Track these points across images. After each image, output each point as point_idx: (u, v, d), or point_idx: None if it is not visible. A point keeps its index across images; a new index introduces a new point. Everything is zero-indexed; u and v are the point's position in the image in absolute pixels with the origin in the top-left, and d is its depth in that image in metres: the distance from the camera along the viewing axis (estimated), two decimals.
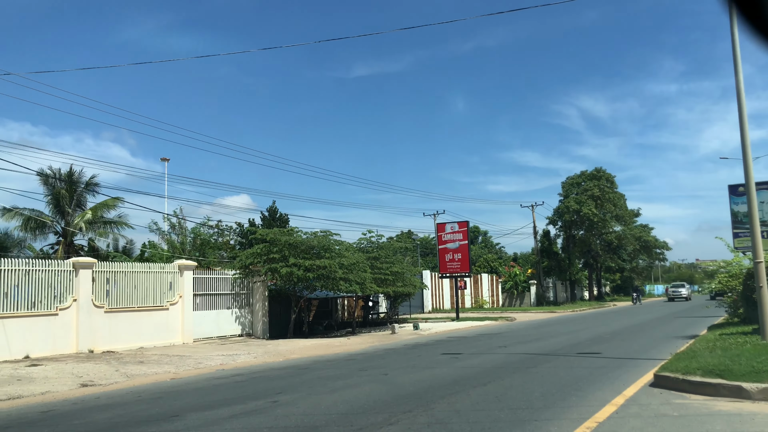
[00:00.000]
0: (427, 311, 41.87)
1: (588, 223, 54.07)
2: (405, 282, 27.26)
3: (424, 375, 11.32)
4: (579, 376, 10.44)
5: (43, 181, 26.49)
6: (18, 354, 15.24)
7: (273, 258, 21.30)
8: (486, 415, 7.31)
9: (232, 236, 36.56)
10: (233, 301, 22.27)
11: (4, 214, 26.19)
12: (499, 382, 9.94)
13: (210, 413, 7.99)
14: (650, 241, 67.32)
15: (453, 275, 34.48)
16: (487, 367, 12.22)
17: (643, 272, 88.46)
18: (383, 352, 16.63)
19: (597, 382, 9.61)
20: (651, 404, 7.64)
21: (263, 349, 17.56)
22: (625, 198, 58.56)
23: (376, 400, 8.66)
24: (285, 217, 38.07)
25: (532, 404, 7.90)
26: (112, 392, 10.36)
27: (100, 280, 17.76)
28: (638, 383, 9.26)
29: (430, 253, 57.65)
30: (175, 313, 19.73)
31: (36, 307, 16.11)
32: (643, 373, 10.37)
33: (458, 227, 34.16)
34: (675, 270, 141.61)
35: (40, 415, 8.38)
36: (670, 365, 9.34)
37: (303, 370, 12.85)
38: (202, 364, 14.20)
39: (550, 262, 55.79)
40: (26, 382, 11.38)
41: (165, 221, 31.13)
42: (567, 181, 57.71)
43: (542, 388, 9.22)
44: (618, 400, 7.92)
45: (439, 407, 7.86)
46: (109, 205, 27.57)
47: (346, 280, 21.67)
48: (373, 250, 27.15)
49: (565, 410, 7.50)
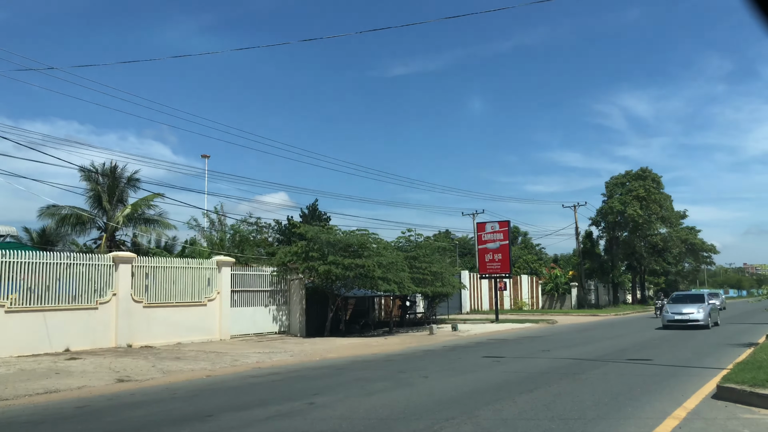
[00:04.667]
0: (465, 312, 41.21)
1: (632, 224, 52.53)
2: (444, 282, 26.75)
3: (465, 379, 10.86)
4: (631, 384, 9.82)
5: (86, 176, 26.88)
6: (58, 347, 15.34)
7: (311, 256, 21.09)
8: (535, 425, 6.83)
9: (270, 233, 36.66)
10: (270, 299, 22.15)
11: (48, 209, 26.67)
12: (546, 389, 9.41)
13: (245, 414, 7.72)
14: (697, 244, 64.96)
15: (492, 276, 33.80)
16: (531, 372, 11.68)
17: (688, 276, 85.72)
18: (422, 353, 16.21)
19: (652, 392, 9.00)
20: (717, 419, 7.02)
21: (300, 347, 17.34)
22: (671, 199, 56.81)
23: (416, 405, 8.26)
24: (324, 215, 37.95)
25: (584, 414, 7.37)
26: (148, 388, 10.22)
27: (139, 274, 17.81)
28: (699, 394, 8.61)
29: (468, 253, 56.88)
30: (212, 309, 19.69)
31: (77, 301, 16.22)
32: (701, 383, 9.70)
33: (499, 227, 33.47)
34: (722, 274, 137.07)
35: (75, 411, 8.25)
36: (735, 376, 8.66)
37: (340, 370, 12.54)
38: (239, 361, 14.02)
39: (592, 264, 54.39)
40: (64, 376, 11.36)
41: (205, 218, 31.36)
42: (611, 181, 56.23)
43: (593, 396, 8.67)
44: (679, 413, 7.33)
45: (484, 415, 7.41)
46: (148, 201, 27.82)
47: (384, 279, 21.32)
48: (411, 249, 26.71)
49: (621, 422, 6.96)
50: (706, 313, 23.54)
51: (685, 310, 23.65)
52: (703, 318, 23.22)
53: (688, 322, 23.15)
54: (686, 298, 25.94)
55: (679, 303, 24.90)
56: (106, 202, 27.09)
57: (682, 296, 26.49)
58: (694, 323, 23.09)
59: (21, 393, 9.56)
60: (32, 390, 9.84)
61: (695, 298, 25.53)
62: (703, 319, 23.21)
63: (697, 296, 26.35)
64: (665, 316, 24.04)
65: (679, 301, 25.46)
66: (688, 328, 22.79)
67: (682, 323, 23.25)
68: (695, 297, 26.05)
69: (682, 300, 25.44)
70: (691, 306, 24.06)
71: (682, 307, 24.06)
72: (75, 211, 26.54)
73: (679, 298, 25.87)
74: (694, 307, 23.91)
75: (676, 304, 24.88)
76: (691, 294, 28.18)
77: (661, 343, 17.74)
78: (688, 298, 25.89)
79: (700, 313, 23.38)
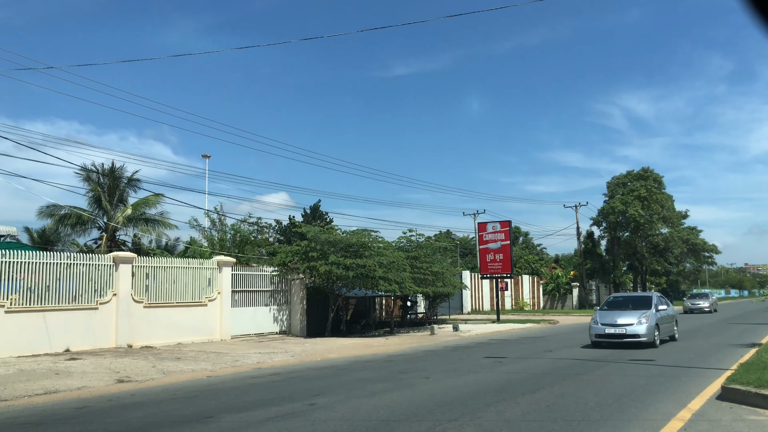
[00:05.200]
0: (466, 312, 41.14)
1: (634, 224, 52.39)
2: (445, 282, 26.70)
3: (467, 380, 10.78)
4: (635, 385, 9.75)
5: (86, 176, 26.83)
6: (59, 347, 15.28)
7: (312, 256, 21.03)
8: (539, 426, 6.76)
9: (271, 233, 36.58)
10: (271, 299, 22.09)
11: (48, 208, 26.61)
12: (548, 390, 9.34)
13: (245, 415, 7.65)
14: (699, 244, 64.76)
15: (494, 276, 33.72)
16: (533, 372, 11.61)
17: (690, 276, 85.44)
18: (423, 353, 16.13)
19: (656, 393, 8.92)
20: (722, 420, 6.95)
21: (301, 347, 17.27)
22: (673, 199, 56.66)
23: (418, 406, 8.18)
24: (326, 216, 37.87)
25: (587, 416, 7.30)
26: (148, 389, 10.15)
27: (139, 275, 17.75)
28: (703, 395, 8.54)
29: (469, 254, 56.80)
30: (213, 309, 19.63)
31: (77, 301, 16.16)
32: (705, 384, 9.63)
33: (500, 227, 33.39)
34: (723, 274, 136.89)
35: (74, 412, 8.19)
36: (740, 377, 8.58)
37: (341, 370, 12.47)
38: (239, 362, 13.96)
39: (594, 264, 54.29)
40: (64, 376, 11.29)
41: (205, 217, 31.28)
42: (612, 181, 56.12)
43: (596, 397, 8.59)
44: (683, 414, 7.26)
45: (487, 416, 7.34)
46: (149, 201, 27.76)
47: (385, 279, 21.25)
48: (412, 249, 26.65)
49: (625, 424, 6.88)
50: (651, 324, 16.18)
51: (621, 321, 16.34)
52: (645, 332, 15.91)
53: (625, 337, 15.99)
54: (627, 302, 18.30)
55: (614, 310, 17.48)
56: (106, 202, 27.04)
57: (621, 300, 18.91)
58: (632, 339, 15.94)
59: (20, 394, 9.50)
60: (31, 391, 9.78)
61: (639, 302, 17.88)
62: (646, 333, 15.92)
63: (641, 300, 18.36)
64: (592, 329, 16.77)
65: (615, 306, 18.00)
66: (624, 346, 15.94)
67: (615, 339, 16.13)
68: (639, 301, 18.26)
69: (620, 305, 18.00)
70: (629, 315, 16.59)
71: (618, 315, 16.72)
72: (75, 211, 26.48)
73: (617, 303, 18.46)
74: (634, 315, 16.42)
75: (610, 311, 17.45)
76: (633, 297, 19.97)
77: (663, 344, 17.62)
78: (630, 302, 18.24)
79: (642, 325, 16.01)
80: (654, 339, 16.26)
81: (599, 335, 16.54)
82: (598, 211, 55.06)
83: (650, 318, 16.39)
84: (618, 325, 16.31)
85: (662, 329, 17.22)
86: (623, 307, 17.69)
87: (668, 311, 17.96)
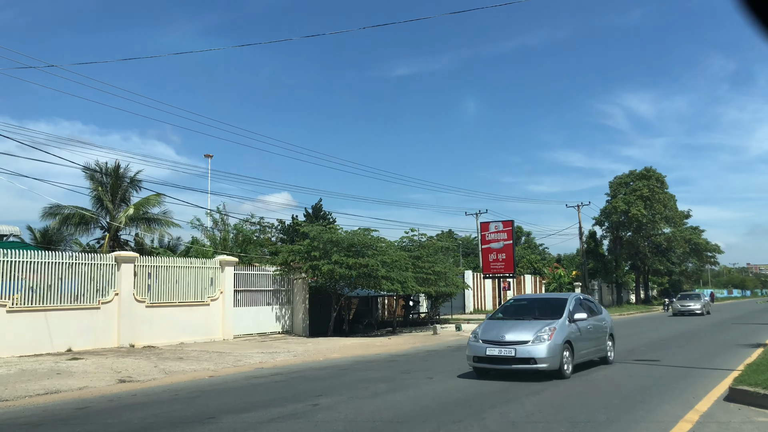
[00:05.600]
0: (468, 312, 41.02)
1: (636, 224, 52.26)
2: (447, 282, 26.60)
3: (471, 380, 10.68)
4: (641, 386, 9.66)
5: (89, 176, 26.80)
6: (60, 347, 15.22)
7: (314, 255, 20.96)
8: (545, 428, 6.68)
9: (273, 233, 36.52)
10: (273, 298, 22.02)
11: (52, 208, 26.58)
12: (553, 391, 9.26)
13: (247, 416, 7.57)
14: (701, 244, 64.53)
15: (496, 276, 33.61)
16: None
17: (692, 276, 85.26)
18: (425, 353, 16.06)
19: (662, 394, 8.83)
20: (731, 422, 6.85)
21: (303, 347, 17.20)
22: (675, 199, 56.51)
23: (422, 406, 8.11)
24: (328, 215, 37.79)
25: (593, 417, 7.21)
26: (150, 389, 10.09)
27: (141, 274, 17.68)
28: (710, 397, 8.44)
29: (471, 253, 56.68)
30: (215, 309, 19.57)
31: (79, 301, 16.10)
32: (712, 385, 9.53)
33: (503, 226, 33.26)
34: (725, 274, 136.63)
35: (75, 412, 8.12)
36: (747, 378, 8.48)
37: (344, 370, 12.39)
38: (242, 361, 13.89)
39: (596, 264, 54.16)
40: (65, 376, 11.23)
41: (207, 217, 31.23)
42: (615, 180, 55.96)
43: (603, 398, 8.51)
44: (691, 416, 7.16)
45: (492, 418, 7.25)
46: (151, 201, 27.71)
47: (388, 278, 21.17)
48: (415, 249, 26.57)
49: (632, 426, 6.79)
50: (556, 342, 10.59)
51: (511, 336, 10.75)
52: (545, 354, 10.26)
53: (513, 362, 10.38)
54: (531, 307, 12.43)
55: (509, 319, 11.75)
56: (108, 201, 26.99)
57: (525, 304, 12.94)
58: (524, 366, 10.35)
59: (21, 394, 9.44)
60: (32, 391, 9.72)
61: (547, 308, 12.04)
62: (546, 355, 10.27)
63: (551, 304, 12.29)
64: (470, 348, 10.97)
65: (512, 313, 12.12)
66: (513, 376, 10.50)
67: (499, 365, 10.55)
68: (548, 305, 12.28)
69: (521, 312, 12.13)
70: (524, 327, 10.96)
71: (509, 328, 11.07)
72: (78, 210, 26.44)
73: (517, 309, 12.41)
74: (532, 329, 10.81)
75: (504, 320, 11.77)
76: (541, 299, 13.86)
77: (668, 344, 17.54)
78: (536, 307, 12.40)
79: (542, 344, 10.46)
80: (561, 365, 10.52)
81: (478, 358, 10.83)
82: (601, 210, 54.95)
83: (557, 332, 10.57)
84: (505, 344, 10.53)
85: (580, 348, 11.32)
86: (524, 314, 11.82)
87: (594, 321, 12.15)
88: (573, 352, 10.98)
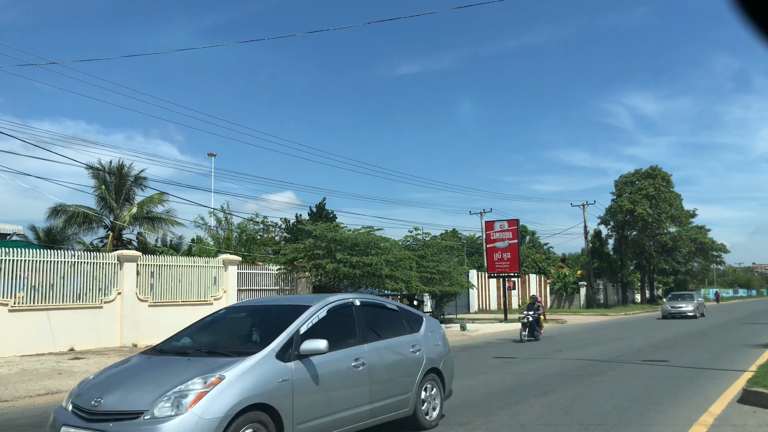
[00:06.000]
0: (473, 311, 40.85)
1: (642, 223, 51.93)
2: (452, 281, 26.44)
3: (477, 381, 10.53)
4: (650, 387, 9.47)
5: (93, 174, 26.71)
6: (63, 346, 15.12)
7: (318, 254, 20.82)
8: (554, 430, 6.51)
9: (277, 232, 36.44)
10: None
11: (56, 207, 26.51)
12: (561, 392, 9.09)
13: None
14: (707, 243, 64.13)
15: (501, 275, 33.40)
16: (545, 373, 11.35)
17: (698, 275, 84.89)
18: None
19: (674, 396, 8.65)
20: (747, 425, 6.67)
21: None
22: (681, 198, 56.14)
23: None
24: (332, 214, 37.67)
25: (605, 420, 7.04)
26: None
27: (144, 273, 17.57)
28: (723, 399, 8.25)
29: (476, 253, 56.51)
30: (219, 307, 19.40)
31: (81, 300, 16.00)
32: (724, 386, 9.33)
33: (508, 226, 33.05)
34: (731, 273, 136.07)
35: None
36: (762, 379, 8.29)
37: None
38: None
39: (601, 264, 53.87)
40: (66, 376, 11.11)
41: (211, 216, 31.15)
42: (620, 179, 55.62)
43: (612, 400, 8.33)
44: (705, 419, 6.98)
45: (500, 419, 7.09)
46: (154, 200, 27.61)
47: (392, 277, 21.03)
48: (419, 248, 26.41)
49: (645, 428, 6.62)
50: (204, 416, 4.44)
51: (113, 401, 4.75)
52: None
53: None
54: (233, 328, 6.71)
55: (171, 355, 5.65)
56: (112, 200, 26.91)
57: (241, 316, 6.91)
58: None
59: (21, 394, 9.32)
60: (33, 391, 9.60)
61: (264, 328, 6.13)
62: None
63: (275, 319, 6.09)
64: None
65: (206, 336, 6.35)
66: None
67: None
68: (266, 323, 6.30)
69: (218, 333, 6.56)
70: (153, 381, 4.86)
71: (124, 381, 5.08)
72: (82, 209, 26.37)
73: (226, 325, 6.79)
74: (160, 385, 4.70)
75: (164, 356, 5.62)
76: (266, 308, 6.91)
77: (676, 344, 17.33)
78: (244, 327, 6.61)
79: (168, 422, 4.36)
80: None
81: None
82: (606, 209, 54.63)
83: (224, 386, 4.71)
84: (97, 418, 4.73)
85: (313, 412, 5.36)
86: (219, 338, 6.42)
87: (384, 350, 6.44)
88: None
